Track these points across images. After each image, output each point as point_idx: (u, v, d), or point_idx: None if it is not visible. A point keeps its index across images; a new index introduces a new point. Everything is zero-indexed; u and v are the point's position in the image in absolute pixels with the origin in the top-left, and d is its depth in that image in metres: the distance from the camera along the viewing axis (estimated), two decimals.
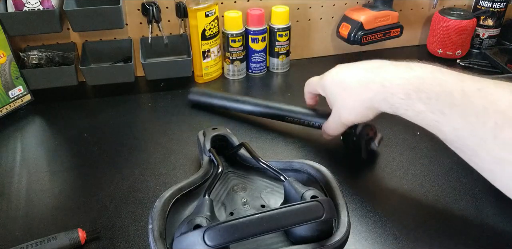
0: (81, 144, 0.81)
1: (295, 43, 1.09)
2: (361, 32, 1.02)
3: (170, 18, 0.99)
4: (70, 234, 0.58)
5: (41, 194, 0.69)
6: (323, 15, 1.08)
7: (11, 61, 0.87)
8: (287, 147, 0.80)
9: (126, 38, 0.99)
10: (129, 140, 0.82)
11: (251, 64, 1.04)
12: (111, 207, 0.66)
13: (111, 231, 0.61)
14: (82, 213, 0.65)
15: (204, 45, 0.97)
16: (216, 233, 0.45)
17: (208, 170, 0.64)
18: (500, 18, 1.11)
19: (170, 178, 0.72)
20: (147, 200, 0.67)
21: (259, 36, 1.00)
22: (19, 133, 0.84)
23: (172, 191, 0.57)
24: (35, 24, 0.85)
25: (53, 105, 0.93)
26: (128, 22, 0.97)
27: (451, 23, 1.06)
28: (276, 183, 0.65)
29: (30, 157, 0.78)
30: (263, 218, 0.46)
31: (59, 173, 0.74)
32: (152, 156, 0.77)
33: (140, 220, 0.63)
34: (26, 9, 0.86)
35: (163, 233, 0.51)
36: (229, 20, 0.97)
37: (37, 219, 0.64)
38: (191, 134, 0.80)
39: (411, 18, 1.15)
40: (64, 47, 0.96)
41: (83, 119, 0.88)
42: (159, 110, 0.92)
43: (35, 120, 0.89)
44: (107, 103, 0.94)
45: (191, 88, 0.93)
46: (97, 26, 0.89)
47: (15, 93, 0.88)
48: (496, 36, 1.14)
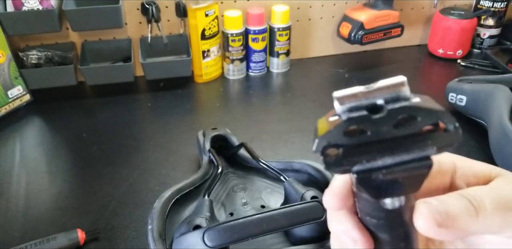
0: (80, 144, 0.80)
1: (295, 43, 1.09)
2: (361, 32, 1.02)
3: (170, 18, 0.98)
4: (69, 235, 0.58)
5: (40, 194, 0.69)
6: (324, 14, 1.08)
7: (10, 61, 0.86)
8: (287, 147, 0.79)
9: (126, 38, 0.99)
10: (129, 140, 0.81)
11: (251, 64, 1.04)
12: (110, 208, 0.65)
13: (110, 232, 0.61)
14: (81, 214, 0.65)
15: (203, 45, 0.97)
16: (216, 233, 0.45)
17: (208, 170, 0.64)
18: (501, 18, 1.11)
19: (169, 179, 0.71)
20: (146, 200, 0.67)
21: (259, 36, 0.99)
22: (18, 133, 0.84)
23: (171, 191, 0.56)
24: (34, 24, 0.85)
25: (52, 105, 0.93)
26: (127, 21, 0.97)
27: (452, 22, 1.06)
28: (276, 184, 0.64)
29: (29, 158, 0.78)
30: (263, 218, 0.46)
31: (58, 173, 0.73)
32: (152, 156, 0.77)
33: (139, 220, 0.63)
34: (25, 8, 0.86)
35: (163, 234, 0.51)
36: (229, 19, 0.97)
37: (36, 220, 0.64)
38: (191, 134, 0.80)
39: (412, 17, 1.14)
40: (63, 46, 0.96)
41: (82, 119, 0.88)
42: (159, 110, 0.91)
43: (34, 120, 0.88)
44: (106, 103, 0.94)
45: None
46: (97, 25, 0.89)
47: (14, 93, 0.88)
48: (497, 36, 1.13)
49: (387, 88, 0.22)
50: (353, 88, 0.22)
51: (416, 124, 0.21)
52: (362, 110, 0.22)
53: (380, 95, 0.22)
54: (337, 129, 0.21)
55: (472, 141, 0.79)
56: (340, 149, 0.22)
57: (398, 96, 0.22)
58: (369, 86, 0.22)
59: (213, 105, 0.96)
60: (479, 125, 0.81)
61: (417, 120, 0.21)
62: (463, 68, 1.06)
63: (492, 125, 0.75)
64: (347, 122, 0.21)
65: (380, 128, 0.21)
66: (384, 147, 0.22)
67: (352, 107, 0.22)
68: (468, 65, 1.07)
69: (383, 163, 0.22)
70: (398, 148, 0.22)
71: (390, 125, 0.21)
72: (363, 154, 0.22)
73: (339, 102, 0.22)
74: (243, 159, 0.68)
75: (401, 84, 0.22)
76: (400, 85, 0.22)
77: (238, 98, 0.98)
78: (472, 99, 0.82)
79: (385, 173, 0.22)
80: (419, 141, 0.22)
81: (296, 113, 0.90)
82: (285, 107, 0.92)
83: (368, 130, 0.21)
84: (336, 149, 0.22)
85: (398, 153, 0.22)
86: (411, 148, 0.22)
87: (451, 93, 0.85)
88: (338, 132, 0.22)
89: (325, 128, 0.22)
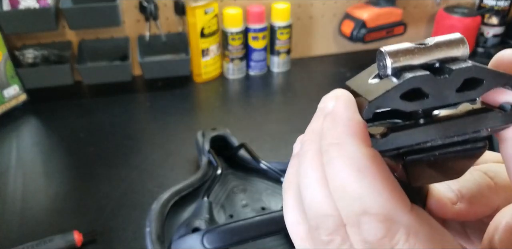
0: (77, 145, 0.80)
1: (296, 41, 1.08)
2: (364, 30, 1.01)
3: (169, 16, 0.97)
4: (66, 237, 0.58)
5: (37, 195, 0.68)
6: (325, 12, 1.07)
7: (6, 60, 0.86)
8: (288, 148, 0.78)
9: (123, 37, 0.98)
10: (126, 140, 0.81)
11: (251, 63, 1.02)
12: (107, 209, 0.65)
13: (107, 234, 0.60)
14: (78, 215, 0.64)
15: (203, 43, 0.95)
16: (215, 236, 0.44)
17: (207, 171, 0.64)
18: (505, 16, 1.10)
19: (168, 180, 0.70)
20: (144, 202, 0.66)
21: (259, 34, 0.98)
22: (14, 134, 0.83)
23: (170, 193, 0.56)
24: (31, 22, 0.85)
25: (49, 104, 0.92)
26: (125, 20, 0.96)
27: (455, 20, 1.05)
28: (277, 185, 0.64)
29: (25, 158, 0.77)
30: (263, 221, 0.45)
31: (55, 174, 0.73)
32: (150, 157, 0.76)
33: (137, 222, 0.62)
34: (22, 7, 0.86)
35: (161, 236, 0.51)
36: (229, 17, 0.96)
37: (33, 221, 0.63)
38: (190, 135, 0.79)
39: (415, 15, 1.14)
40: (60, 45, 0.95)
41: (79, 119, 0.87)
42: (157, 110, 0.91)
43: (30, 120, 0.88)
44: (103, 103, 0.93)
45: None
46: (94, 23, 0.88)
47: (10, 92, 0.87)
48: (500, 34, 1.13)
49: (446, 46, 0.19)
50: (402, 43, 0.19)
51: (481, 89, 0.19)
52: (418, 69, 0.18)
53: (439, 54, 0.19)
54: (395, 90, 0.18)
55: None
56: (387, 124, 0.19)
57: (457, 56, 0.19)
58: (421, 42, 0.19)
59: (212, 105, 0.95)
60: None
61: (483, 84, 0.19)
62: None
63: None
64: (408, 82, 0.18)
65: (443, 92, 0.18)
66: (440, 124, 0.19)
67: (406, 66, 0.19)
68: None
69: (435, 144, 0.19)
70: (456, 125, 0.19)
71: (453, 89, 0.18)
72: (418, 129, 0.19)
73: (392, 59, 0.19)
74: (243, 160, 0.67)
75: (460, 41, 0.19)
76: (460, 42, 0.19)
77: (238, 98, 0.97)
78: None
79: (437, 155, 0.19)
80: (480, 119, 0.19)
81: (297, 113, 0.89)
82: (286, 107, 0.91)
83: (430, 94, 0.18)
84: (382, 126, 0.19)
85: (456, 132, 0.19)
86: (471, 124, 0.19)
87: None
88: (395, 94, 0.18)
89: (374, 89, 0.19)
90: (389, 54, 0.19)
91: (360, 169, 0.18)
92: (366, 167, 0.18)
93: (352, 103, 0.19)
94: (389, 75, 0.19)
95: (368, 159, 0.18)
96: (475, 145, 0.20)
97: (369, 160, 0.18)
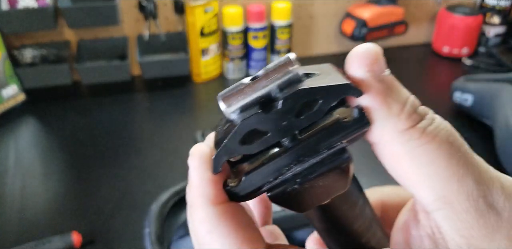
0: (76, 145, 0.79)
1: (297, 41, 1.07)
2: (365, 29, 1.01)
3: (168, 15, 0.97)
4: (65, 237, 0.57)
5: (35, 196, 0.68)
6: (326, 11, 1.06)
7: (5, 59, 0.85)
8: None
9: (122, 36, 0.98)
10: (125, 141, 0.80)
11: (251, 62, 1.02)
12: (106, 210, 0.64)
13: (106, 235, 0.60)
14: (77, 216, 0.63)
15: (202, 43, 0.95)
16: None
17: None
18: (506, 16, 1.10)
19: (167, 180, 0.70)
20: (143, 202, 0.65)
21: (259, 34, 0.98)
22: (12, 134, 0.83)
23: (169, 193, 0.56)
24: (30, 22, 0.84)
25: (47, 104, 0.91)
26: (124, 19, 0.96)
27: (456, 19, 1.04)
28: None
29: (24, 159, 0.76)
30: None
31: (54, 174, 0.72)
32: (149, 157, 0.76)
33: (136, 223, 0.62)
34: (20, 6, 0.85)
35: (161, 237, 0.50)
36: (229, 16, 0.95)
37: (31, 222, 0.63)
38: (189, 135, 0.79)
39: (416, 15, 1.13)
40: (58, 45, 0.94)
41: (78, 119, 0.87)
42: (156, 110, 0.90)
43: (29, 120, 0.87)
44: (102, 103, 0.92)
45: None
46: (93, 22, 0.88)
47: (9, 92, 0.87)
48: (502, 34, 1.12)
49: (276, 72, 0.18)
50: (237, 83, 0.18)
51: (321, 106, 0.17)
52: (255, 106, 0.18)
53: (271, 83, 0.18)
54: (232, 141, 0.18)
55: (478, 141, 0.78)
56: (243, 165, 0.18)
57: (289, 79, 0.18)
58: (255, 75, 0.18)
59: (212, 105, 0.95)
60: (485, 125, 0.80)
61: (319, 103, 0.17)
62: (468, 67, 1.05)
63: (498, 125, 0.74)
64: (239, 129, 0.17)
65: (281, 124, 0.17)
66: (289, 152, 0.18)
67: (242, 107, 0.18)
68: (473, 64, 1.06)
69: (294, 172, 0.18)
70: (306, 148, 0.18)
71: (290, 118, 0.17)
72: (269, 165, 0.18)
73: (225, 104, 0.18)
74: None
75: (288, 63, 0.18)
76: (287, 65, 0.18)
77: None
78: (477, 98, 0.81)
79: (300, 181, 0.18)
80: (329, 133, 0.18)
81: None
82: None
83: (269, 130, 0.17)
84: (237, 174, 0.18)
85: (309, 154, 0.18)
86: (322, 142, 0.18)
87: (456, 92, 0.84)
88: (234, 144, 0.18)
89: (221, 139, 0.18)
90: (223, 99, 0.18)
91: (210, 230, 0.19)
92: (214, 227, 0.19)
93: (204, 160, 0.19)
94: (232, 120, 0.18)
95: (216, 219, 0.19)
96: (341, 157, 0.18)
97: (217, 219, 0.19)
